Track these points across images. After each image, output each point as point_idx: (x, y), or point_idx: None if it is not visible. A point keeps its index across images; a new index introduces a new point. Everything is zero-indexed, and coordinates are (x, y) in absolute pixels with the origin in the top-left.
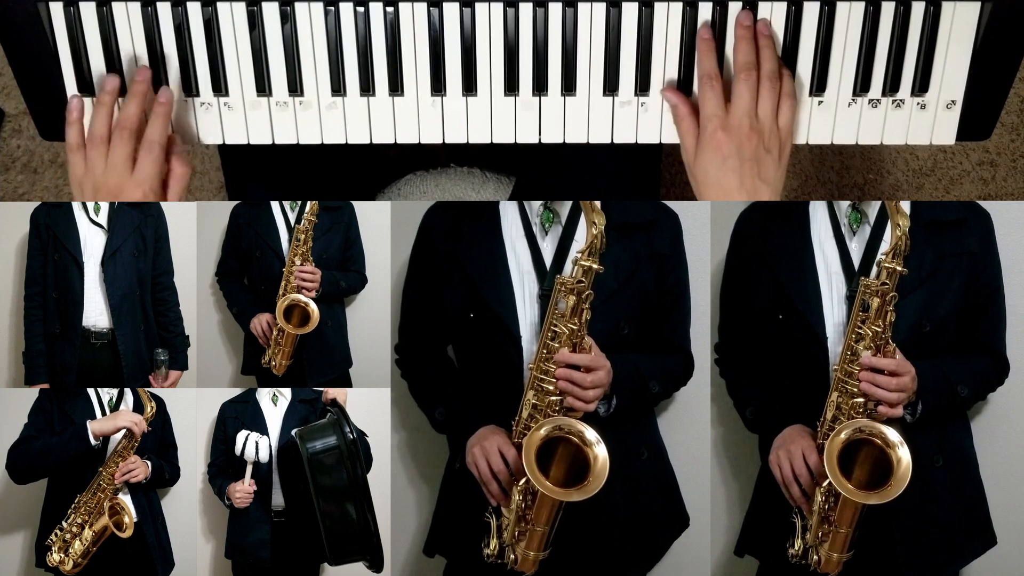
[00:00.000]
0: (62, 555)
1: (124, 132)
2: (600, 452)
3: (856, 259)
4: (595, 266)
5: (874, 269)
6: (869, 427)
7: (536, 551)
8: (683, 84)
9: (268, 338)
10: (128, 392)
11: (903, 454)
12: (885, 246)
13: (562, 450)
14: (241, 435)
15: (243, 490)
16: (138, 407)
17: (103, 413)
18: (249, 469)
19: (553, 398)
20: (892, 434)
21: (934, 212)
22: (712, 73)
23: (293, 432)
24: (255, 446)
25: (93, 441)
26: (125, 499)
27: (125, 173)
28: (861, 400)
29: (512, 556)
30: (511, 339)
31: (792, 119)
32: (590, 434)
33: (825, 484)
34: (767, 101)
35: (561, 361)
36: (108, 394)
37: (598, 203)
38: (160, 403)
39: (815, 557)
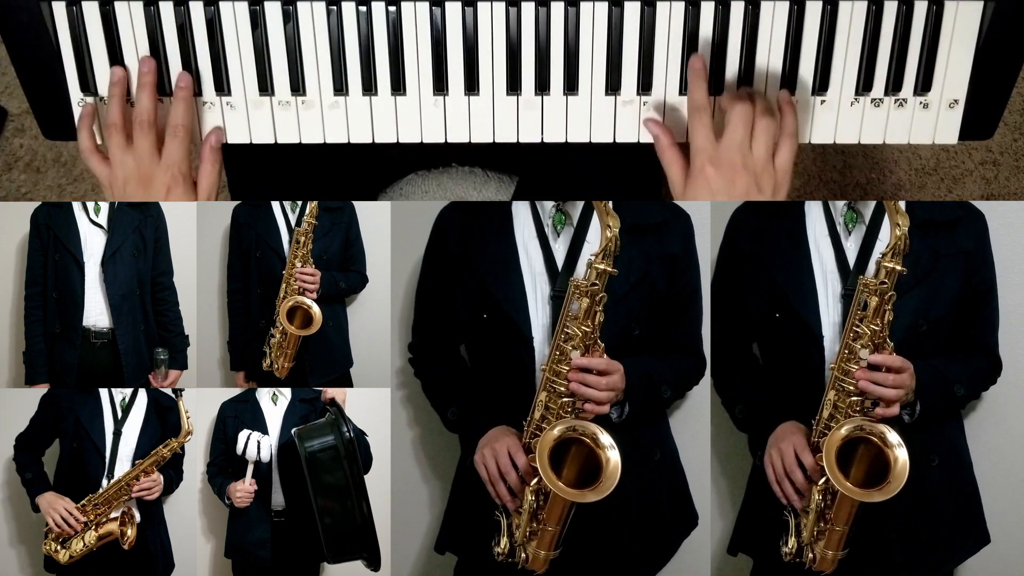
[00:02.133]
0: (58, 546)
1: (143, 124)
2: (612, 455)
3: (851, 258)
4: (609, 269)
5: (872, 268)
6: (870, 426)
7: (547, 550)
8: (685, 85)
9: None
10: (142, 393)
11: (900, 454)
12: (881, 245)
13: (575, 451)
14: (243, 434)
15: (244, 490)
16: (151, 411)
17: (114, 414)
18: (250, 469)
19: (565, 399)
20: (892, 435)
21: (929, 212)
22: (702, 105)
23: (293, 431)
24: (256, 446)
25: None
26: (134, 510)
27: (153, 161)
28: (858, 399)
29: (523, 555)
30: (523, 340)
31: (791, 159)
32: (604, 437)
33: (822, 482)
34: (763, 138)
35: (575, 365)
36: (121, 394)
37: (611, 204)
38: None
39: (810, 555)
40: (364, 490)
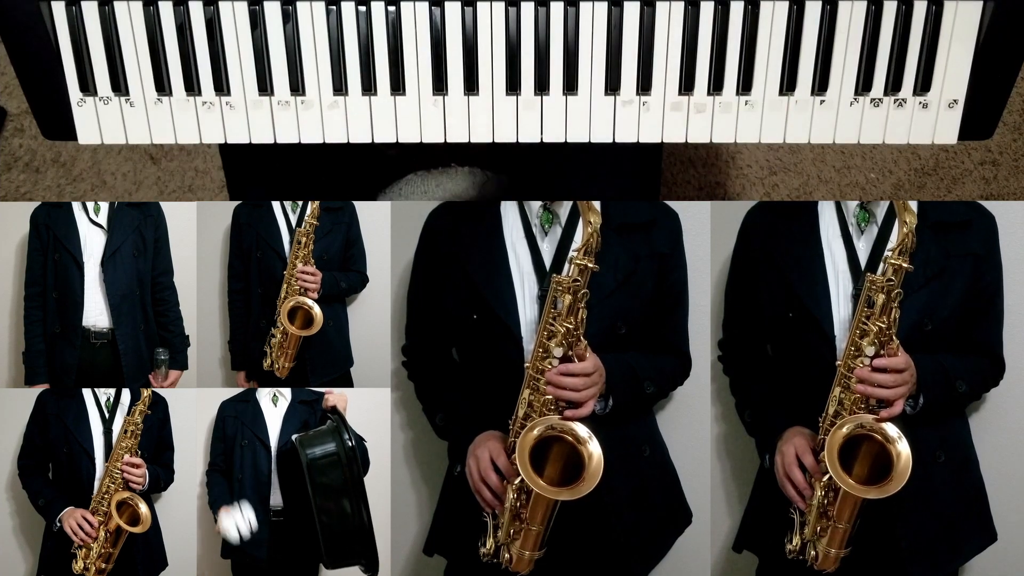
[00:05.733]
0: (83, 561)
1: None
2: (594, 450)
3: (863, 258)
4: (591, 265)
5: (880, 266)
6: (870, 423)
7: (531, 550)
8: (685, 84)
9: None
10: (125, 392)
11: (903, 448)
12: (892, 245)
13: (557, 449)
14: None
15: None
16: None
17: (100, 414)
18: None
19: (548, 397)
20: (891, 429)
21: (940, 213)
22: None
23: (293, 437)
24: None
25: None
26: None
27: None
28: (863, 395)
29: (507, 555)
30: (512, 340)
31: None
32: (582, 431)
33: (825, 479)
34: None
35: (554, 374)
36: (106, 394)
37: (596, 203)
38: (161, 403)
39: (812, 553)
40: (364, 497)
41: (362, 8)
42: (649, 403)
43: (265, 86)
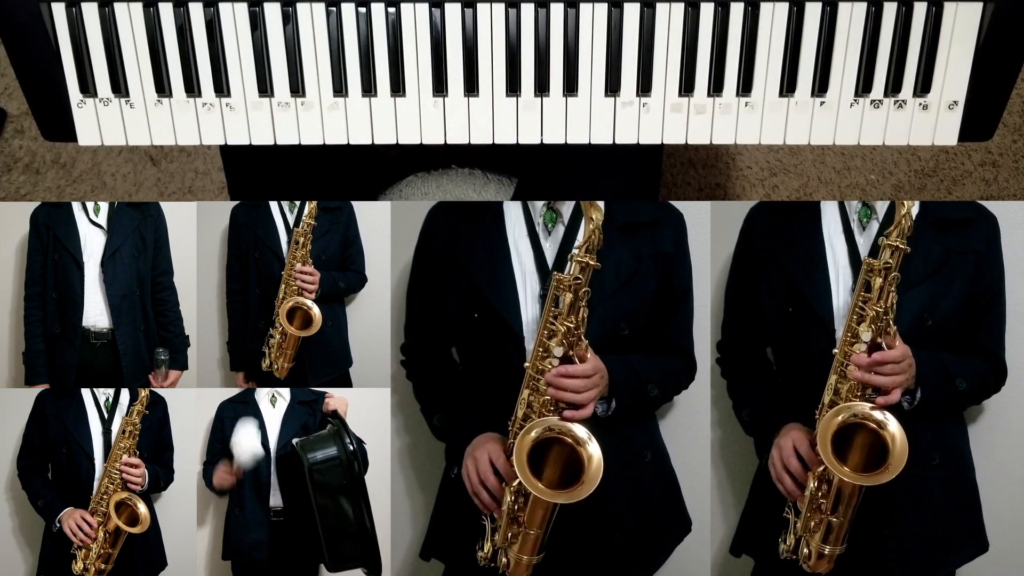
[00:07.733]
0: (82, 562)
1: None
2: (594, 452)
3: (864, 253)
4: (592, 262)
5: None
6: (863, 411)
7: (529, 555)
8: (685, 85)
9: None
10: (125, 392)
11: (895, 430)
12: (889, 229)
13: (556, 451)
14: (243, 432)
15: (228, 471)
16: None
17: (99, 414)
18: (236, 460)
19: (548, 397)
20: (881, 414)
21: (942, 210)
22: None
23: (294, 441)
24: (248, 446)
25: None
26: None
27: None
28: (858, 383)
29: (505, 560)
30: (514, 339)
31: None
32: (581, 432)
33: (819, 470)
34: None
35: (554, 374)
36: (104, 394)
37: (600, 202)
38: (161, 403)
39: (806, 550)
40: (367, 500)
41: (362, 9)
42: (653, 406)
43: (265, 87)
